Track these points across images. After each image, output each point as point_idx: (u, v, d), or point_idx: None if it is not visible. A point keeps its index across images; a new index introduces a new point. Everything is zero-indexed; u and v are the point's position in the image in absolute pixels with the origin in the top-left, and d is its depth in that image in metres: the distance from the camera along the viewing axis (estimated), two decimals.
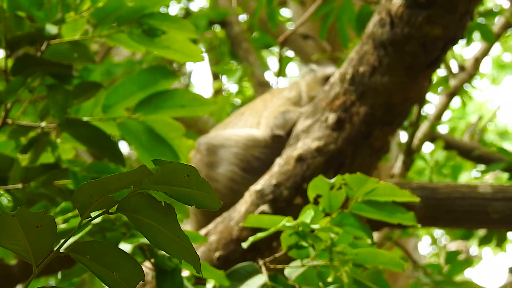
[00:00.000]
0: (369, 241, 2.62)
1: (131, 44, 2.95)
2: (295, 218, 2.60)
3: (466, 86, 6.95)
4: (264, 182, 4.11)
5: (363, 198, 2.63)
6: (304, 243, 2.57)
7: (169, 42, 2.93)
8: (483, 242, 5.84)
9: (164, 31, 2.91)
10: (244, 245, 2.67)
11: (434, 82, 6.51)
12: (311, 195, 2.65)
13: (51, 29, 2.84)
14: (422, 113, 6.25)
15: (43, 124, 3.00)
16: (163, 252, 2.40)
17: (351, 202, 2.65)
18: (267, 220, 2.63)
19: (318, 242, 2.53)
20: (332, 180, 2.61)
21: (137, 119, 2.99)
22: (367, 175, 4.00)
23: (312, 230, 2.53)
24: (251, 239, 2.62)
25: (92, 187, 1.48)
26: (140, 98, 2.97)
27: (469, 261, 5.59)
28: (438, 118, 6.59)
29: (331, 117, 4.01)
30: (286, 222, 2.53)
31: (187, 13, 8.45)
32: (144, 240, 2.42)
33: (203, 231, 4.24)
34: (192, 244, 1.53)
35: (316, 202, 2.65)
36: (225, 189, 4.63)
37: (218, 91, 8.53)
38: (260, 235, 2.59)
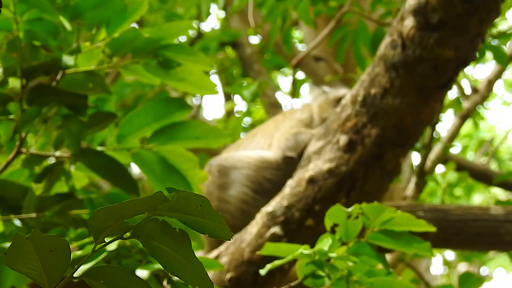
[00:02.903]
0: (380, 266, 2.62)
1: (146, 76, 2.95)
2: (307, 239, 2.61)
3: (479, 108, 6.93)
4: (275, 204, 4.11)
5: (379, 228, 2.63)
6: (320, 272, 2.57)
7: (184, 75, 2.93)
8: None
9: (180, 63, 2.91)
10: (262, 272, 2.68)
11: (447, 103, 6.50)
12: (328, 223, 2.65)
13: (68, 60, 2.83)
14: (435, 135, 6.24)
15: (57, 153, 3.00)
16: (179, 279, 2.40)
17: (368, 232, 2.65)
18: (284, 249, 2.64)
19: (335, 272, 2.53)
20: (349, 209, 2.61)
21: (150, 150, 2.99)
22: (379, 197, 4.04)
23: (329, 259, 2.53)
24: (268, 266, 2.63)
25: (107, 212, 1.48)
26: (155, 129, 2.97)
27: (480, 280, 5.56)
28: (451, 140, 6.58)
29: (343, 139, 4.01)
30: (303, 249, 2.54)
31: (199, 34, 8.46)
32: (160, 266, 2.41)
33: (214, 253, 4.23)
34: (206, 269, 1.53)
35: (332, 231, 2.66)
36: (237, 210, 4.63)
37: (230, 112, 8.53)
38: (277, 262, 2.60)
